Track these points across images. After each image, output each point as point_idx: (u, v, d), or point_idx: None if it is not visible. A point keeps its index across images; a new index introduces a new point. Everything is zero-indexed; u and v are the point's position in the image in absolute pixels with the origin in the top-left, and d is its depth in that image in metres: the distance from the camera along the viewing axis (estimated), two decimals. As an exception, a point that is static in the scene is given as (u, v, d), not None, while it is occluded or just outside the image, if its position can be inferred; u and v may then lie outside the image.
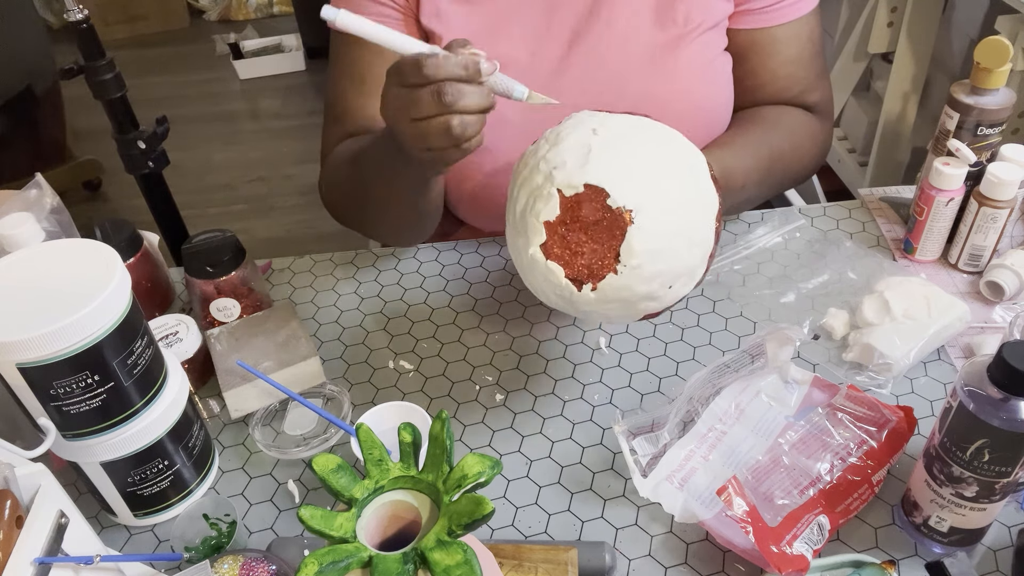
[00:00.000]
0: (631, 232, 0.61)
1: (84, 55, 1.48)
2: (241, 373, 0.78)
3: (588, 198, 0.62)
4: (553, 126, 0.69)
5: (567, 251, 0.63)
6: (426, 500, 0.49)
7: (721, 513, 0.66)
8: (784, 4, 0.89)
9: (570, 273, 0.63)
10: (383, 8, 0.88)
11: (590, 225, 0.62)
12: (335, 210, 0.97)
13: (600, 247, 0.62)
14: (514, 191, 0.67)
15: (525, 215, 0.64)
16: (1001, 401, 0.56)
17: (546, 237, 0.63)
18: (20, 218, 0.80)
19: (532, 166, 0.66)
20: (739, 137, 0.89)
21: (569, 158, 0.63)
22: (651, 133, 0.66)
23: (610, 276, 0.62)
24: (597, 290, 0.63)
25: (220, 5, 3.89)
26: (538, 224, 0.63)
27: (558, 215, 0.62)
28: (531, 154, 0.67)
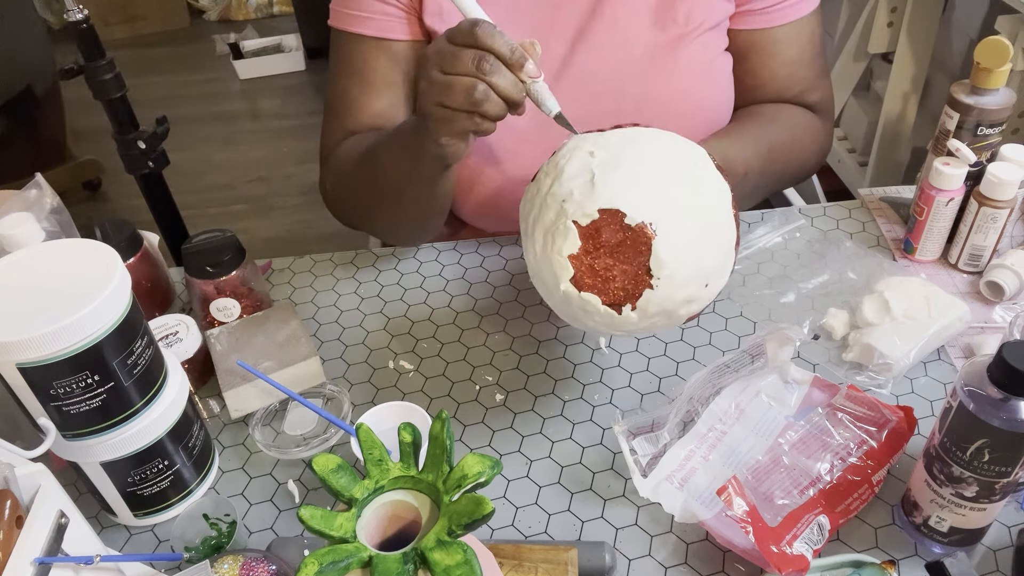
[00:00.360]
0: (656, 244, 0.61)
1: (84, 55, 1.48)
2: (241, 373, 0.78)
3: (605, 222, 0.61)
4: (560, 141, 0.69)
5: (598, 279, 0.62)
6: (426, 500, 0.49)
7: (721, 513, 0.66)
8: (785, 5, 0.89)
9: (606, 300, 0.63)
10: (386, 6, 0.88)
11: (614, 248, 0.62)
12: (339, 209, 0.97)
13: (630, 267, 0.62)
14: (529, 231, 0.67)
15: (548, 254, 0.64)
16: (1001, 401, 0.56)
17: (573, 271, 0.62)
18: (20, 218, 0.80)
19: (540, 203, 0.65)
20: (739, 129, 0.89)
21: (575, 187, 0.63)
22: (647, 141, 0.65)
23: (647, 292, 0.62)
24: (637, 309, 0.62)
25: (220, 5, 3.89)
26: (563, 260, 0.62)
27: (580, 246, 0.62)
28: (535, 191, 0.67)
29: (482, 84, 0.65)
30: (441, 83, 0.67)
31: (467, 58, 0.66)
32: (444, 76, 0.67)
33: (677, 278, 0.62)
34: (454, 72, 0.66)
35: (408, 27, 0.89)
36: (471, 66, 0.65)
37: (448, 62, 0.67)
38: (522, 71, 0.67)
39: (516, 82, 0.67)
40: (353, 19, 0.90)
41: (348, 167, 0.91)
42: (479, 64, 0.65)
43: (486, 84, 0.66)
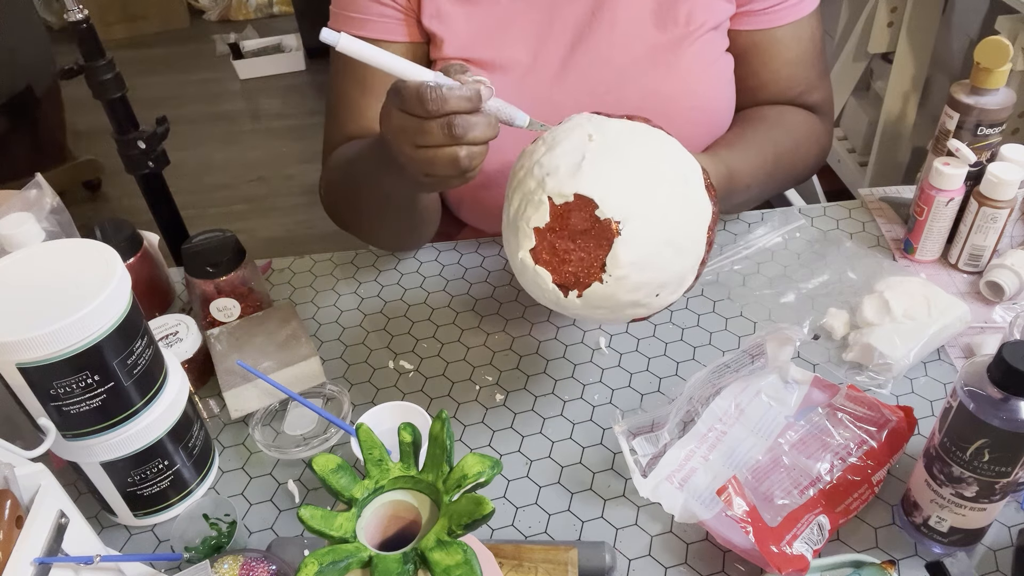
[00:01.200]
0: (617, 243, 0.61)
1: (84, 55, 1.48)
2: (241, 373, 0.78)
3: (577, 207, 0.62)
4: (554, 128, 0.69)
5: (555, 258, 0.64)
6: (426, 500, 0.49)
7: (721, 513, 0.66)
8: (785, 5, 0.89)
9: (557, 279, 0.64)
10: (384, 8, 0.88)
11: (578, 234, 0.62)
12: (333, 214, 0.97)
13: (587, 256, 0.63)
14: (509, 192, 0.68)
15: (517, 219, 0.65)
16: (1001, 401, 0.56)
17: (535, 243, 0.64)
18: (20, 218, 0.80)
19: (527, 169, 0.66)
20: (743, 137, 0.89)
21: (562, 164, 0.63)
22: (646, 141, 0.66)
23: (595, 284, 0.63)
24: (583, 297, 0.64)
25: (220, 5, 3.89)
26: (528, 229, 0.64)
27: (547, 222, 0.63)
28: (527, 155, 0.67)
29: (464, 149, 0.63)
30: (423, 159, 0.65)
31: (437, 129, 0.63)
32: (422, 151, 0.64)
33: (628, 281, 0.63)
34: (428, 145, 0.64)
35: (406, 29, 0.89)
36: (444, 136, 0.63)
37: (419, 137, 0.64)
38: (483, 106, 0.64)
39: (489, 122, 0.65)
40: (352, 21, 0.90)
41: (336, 176, 0.91)
42: (451, 131, 0.63)
43: (467, 145, 0.64)
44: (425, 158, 0.65)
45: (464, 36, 0.88)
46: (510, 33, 0.88)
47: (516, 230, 0.65)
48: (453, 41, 0.87)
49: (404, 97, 0.64)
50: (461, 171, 0.65)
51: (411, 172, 0.68)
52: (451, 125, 0.62)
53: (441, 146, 0.64)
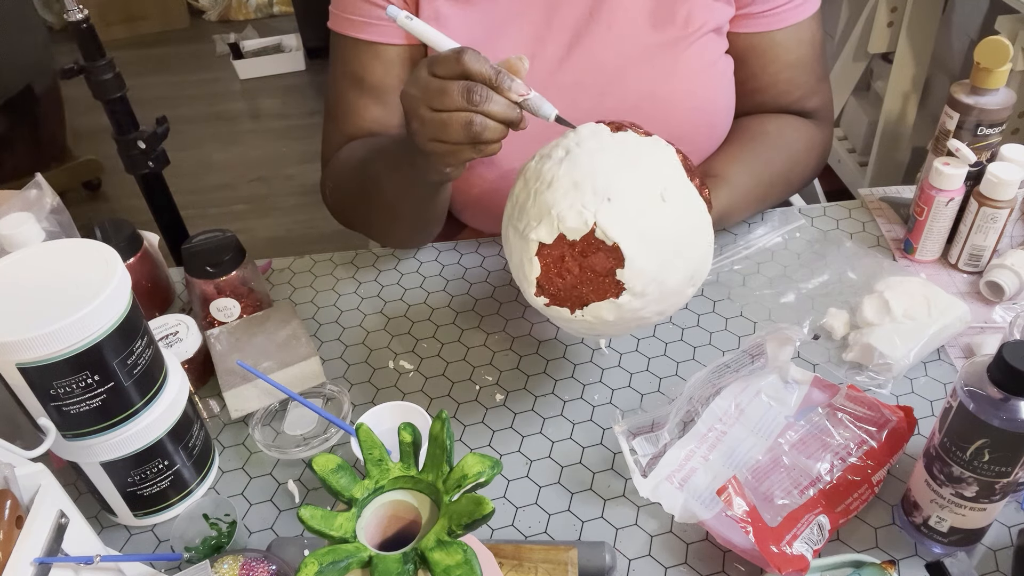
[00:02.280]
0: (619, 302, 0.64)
1: (84, 55, 1.48)
2: (241, 373, 0.78)
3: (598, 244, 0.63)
4: (560, 133, 0.70)
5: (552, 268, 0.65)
6: (426, 500, 0.49)
7: (721, 513, 0.66)
8: (785, 8, 0.89)
9: (540, 292, 0.66)
10: (381, 11, 0.88)
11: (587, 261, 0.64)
12: (339, 213, 0.98)
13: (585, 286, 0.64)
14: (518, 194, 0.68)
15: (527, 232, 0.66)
16: (1001, 401, 0.56)
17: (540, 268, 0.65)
18: (20, 218, 0.80)
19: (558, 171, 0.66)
20: (737, 160, 0.89)
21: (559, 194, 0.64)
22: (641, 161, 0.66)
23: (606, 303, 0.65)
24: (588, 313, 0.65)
25: (220, 5, 3.89)
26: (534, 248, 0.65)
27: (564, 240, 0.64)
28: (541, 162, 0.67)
29: (478, 116, 0.64)
30: (435, 121, 0.65)
31: (456, 92, 0.64)
32: (436, 114, 0.65)
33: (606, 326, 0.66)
34: (444, 108, 0.64)
35: (403, 32, 0.89)
36: (461, 100, 0.64)
37: (436, 98, 0.65)
38: (511, 92, 0.65)
39: (509, 104, 0.65)
40: (350, 23, 0.90)
41: (345, 176, 0.92)
42: (469, 96, 0.64)
43: (481, 115, 0.64)
44: (438, 119, 0.65)
45: (462, 38, 0.87)
46: (508, 34, 0.88)
47: (524, 293, 0.67)
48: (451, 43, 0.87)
49: (439, 56, 0.66)
50: (472, 136, 0.65)
51: (420, 138, 0.68)
52: (470, 91, 0.64)
53: (457, 110, 0.64)
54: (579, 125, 0.69)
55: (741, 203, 0.88)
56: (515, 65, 0.66)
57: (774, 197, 0.95)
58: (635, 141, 0.66)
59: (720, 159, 0.89)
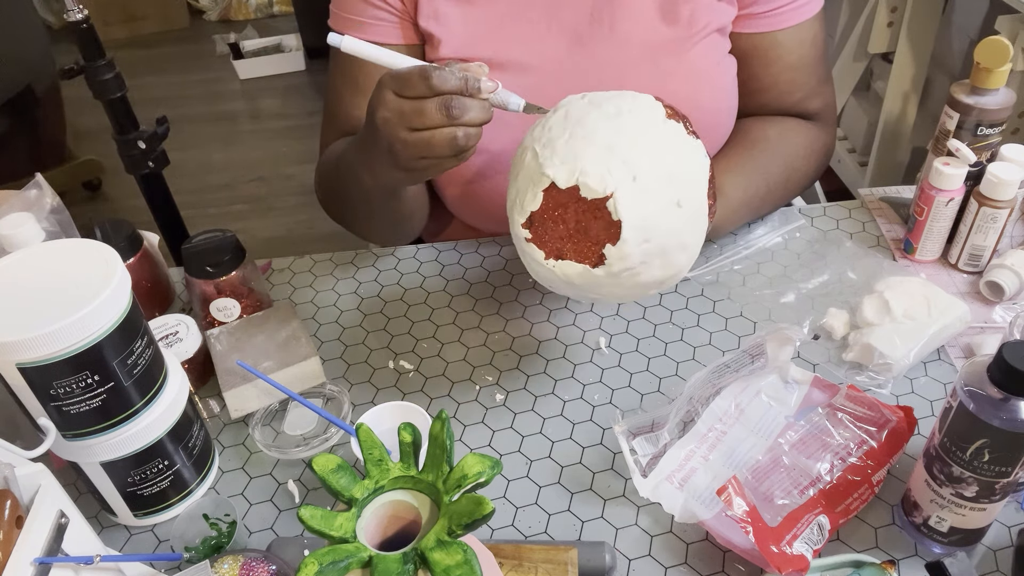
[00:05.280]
0: (614, 213, 0.63)
1: (84, 55, 1.48)
2: (241, 373, 0.78)
3: (564, 190, 0.63)
4: None
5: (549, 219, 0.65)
6: (426, 500, 0.49)
7: (721, 513, 0.66)
8: (787, 9, 0.89)
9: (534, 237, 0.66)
10: (379, 12, 0.88)
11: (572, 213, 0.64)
12: (327, 210, 0.99)
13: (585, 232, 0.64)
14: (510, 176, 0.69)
15: (513, 205, 0.66)
16: (1001, 401, 0.56)
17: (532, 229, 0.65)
18: (20, 218, 0.80)
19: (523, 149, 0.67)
20: (733, 177, 0.89)
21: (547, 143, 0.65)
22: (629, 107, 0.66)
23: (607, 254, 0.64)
24: (549, 262, 0.66)
25: (220, 5, 3.89)
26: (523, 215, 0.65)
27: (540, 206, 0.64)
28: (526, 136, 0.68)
29: (460, 130, 0.65)
30: (419, 141, 0.66)
31: (434, 109, 0.64)
32: (418, 134, 0.66)
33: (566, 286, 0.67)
34: (425, 127, 0.65)
35: (401, 32, 0.90)
36: (441, 116, 0.65)
37: (415, 119, 0.65)
38: (481, 93, 0.66)
39: (483, 106, 0.67)
40: (348, 23, 0.90)
41: (326, 175, 0.93)
42: (448, 112, 0.64)
43: (463, 127, 0.65)
44: (421, 139, 0.66)
45: (462, 36, 0.88)
46: (508, 33, 0.88)
47: (513, 224, 0.67)
48: (451, 41, 0.88)
49: (404, 79, 0.66)
50: (458, 150, 0.66)
51: (404, 158, 0.68)
52: (448, 106, 0.64)
53: (438, 127, 0.65)
54: (637, 94, 0.68)
55: (734, 216, 0.89)
56: (475, 71, 0.67)
57: (771, 205, 0.96)
58: (681, 137, 0.66)
59: (717, 168, 0.89)
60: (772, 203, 0.95)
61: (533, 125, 0.68)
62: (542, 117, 0.69)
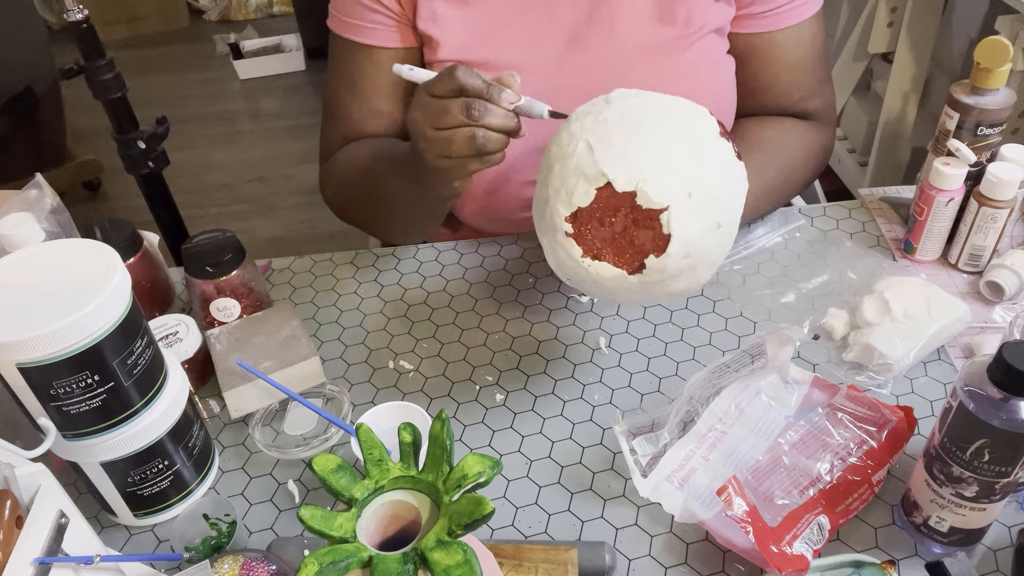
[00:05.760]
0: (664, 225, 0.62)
1: (84, 55, 1.48)
2: (241, 373, 0.78)
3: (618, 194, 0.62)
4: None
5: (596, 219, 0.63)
6: (426, 500, 0.49)
7: (721, 513, 0.66)
8: (785, 8, 0.89)
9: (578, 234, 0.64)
10: (377, 16, 0.89)
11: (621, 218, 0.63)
12: (341, 211, 1.00)
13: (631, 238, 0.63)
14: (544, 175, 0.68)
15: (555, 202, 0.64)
16: (1001, 401, 0.56)
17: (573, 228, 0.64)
18: (20, 218, 0.80)
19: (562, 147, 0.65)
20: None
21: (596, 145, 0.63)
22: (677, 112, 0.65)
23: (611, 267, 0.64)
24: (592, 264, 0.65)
25: (220, 5, 3.89)
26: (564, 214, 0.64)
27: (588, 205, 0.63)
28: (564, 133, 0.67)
29: (480, 129, 0.67)
30: (440, 139, 0.68)
31: (455, 109, 0.67)
32: (440, 132, 0.68)
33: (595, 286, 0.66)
34: (448, 126, 0.68)
35: (399, 35, 0.90)
36: (462, 116, 0.67)
37: (439, 118, 0.68)
38: (502, 102, 0.68)
39: (506, 114, 0.68)
40: (347, 25, 0.91)
41: (349, 179, 0.93)
42: (468, 112, 0.67)
43: (483, 128, 0.67)
44: (443, 137, 0.68)
45: (460, 38, 0.88)
46: (506, 34, 0.88)
47: (553, 214, 0.65)
48: (449, 43, 0.88)
49: (436, 78, 0.69)
50: (476, 149, 0.68)
51: (429, 156, 0.71)
52: (469, 107, 0.67)
53: (459, 126, 0.67)
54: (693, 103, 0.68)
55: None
56: (506, 80, 0.69)
57: (770, 205, 0.96)
58: (732, 159, 0.66)
59: None
60: (771, 203, 0.95)
61: (580, 113, 0.67)
62: (594, 106, 0.67)
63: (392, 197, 0.87)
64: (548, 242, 0.67)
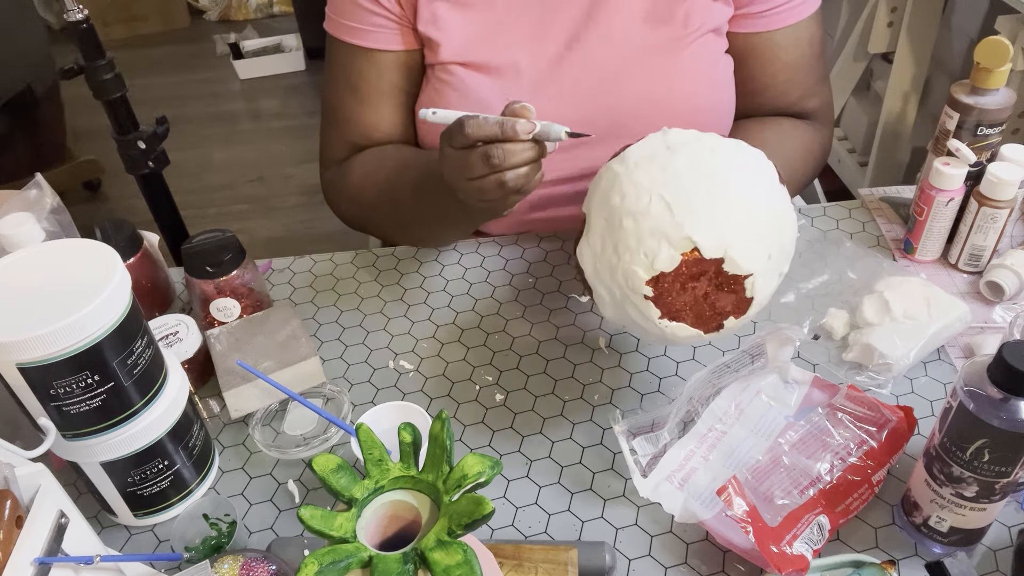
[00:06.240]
0: (748, 291, 0.63)
1: (84, 55, 1.48)
2: (241, 373, 0.78)
3: (702, 260, 0.62)
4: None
5: (677, 289, 0.63)
6: (426, 500, 0.49)
7: (721, 513, 0.66)
8: (783, 8, 0.89)
9: (660, 300, 0.64)
10: (377, 18, 0.88)
11: (716, 289, 0.63)
12: (353, 220, 1.00)
13: (713, 301, 0.64)
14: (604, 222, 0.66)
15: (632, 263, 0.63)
16: (1001, 401, 0.56)
17: (653, 290, 0.63)
18: (20, 218, 0.80)
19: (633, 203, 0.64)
20: None
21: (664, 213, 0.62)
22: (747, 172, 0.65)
23: (727, 323, 0.65)
24: (670, 327, 0.65)
25: (220, 5, 3.89)
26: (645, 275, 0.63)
27: (672, 269, 0.62)
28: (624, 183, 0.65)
29: (507, 173, 0.68)
30: (473, 189, 0.70)
31: (477, 161, 0.68)
32: (471, 183, 0.70)
33: (663, 340, 0.67)
34: (474, 177, 0.69)
35: (401, 37, 0.90)
36: (484, 167, 0.68)
37: (466, 170, 0.69)
38: (519, 135, 0.68)
39: (527, 146, 0.68)
40: (346, 29, 0.90)
41: (367, 194, 0.93)
42: (488, 162, 0.67)
43: (509, 168, 0.68)
44: (475, 188, 0.70)
45: (460, 40, 0.88)
46: (505, 36, 0.88)
47: (631, 276, 0.63)
48: (449, 45, 0.88)
49: (450, 132, 0.70)
50: (510, 191, 0.69)
51: (470, 203, 0.73)
52: (488, 156, 0.67)
53: (485, 176, 0.68)
54: (749, 147, 0.68)
55: None
56: (519, 111, 0.68)
57: None
58: (789, 207, 0.67)
59: None
60: None
61: (640, 159, 0.66)
62: (652, 149, 0.66)
63: (430, 217, 0.88)
64: (612, 295, 0.66)
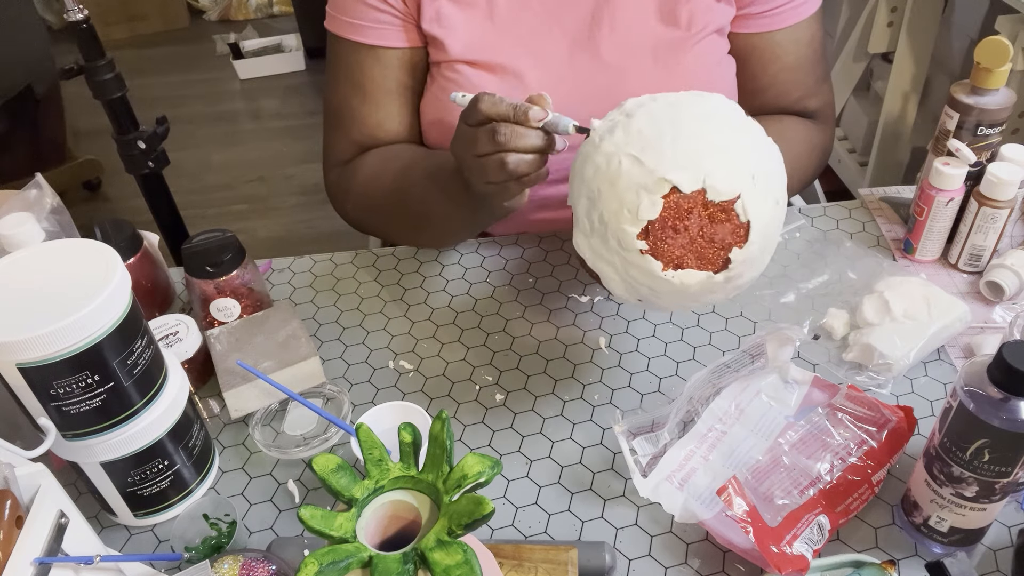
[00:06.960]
0: (740, 215, 0.61)
1: (84, 55, 1.48)
2: (241, 373, 0.78)
3: (686, 195, 0.61)
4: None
5: (672, 223, 0.61)
6: (426, 500, 0.49)
7: (721, 513, 0.66)
8: (785, 8, 0.89)
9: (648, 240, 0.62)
10: (381, 15, 0.88)
11: (695, 220, 0.62)
12: (359, 222, 1.00)
13: (711, 238, 0.62)
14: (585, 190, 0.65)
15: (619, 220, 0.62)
16: (1001, 401, 0.56)
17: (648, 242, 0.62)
18: (20, 218, 0.80)
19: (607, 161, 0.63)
20: None
21: (649, 152, 0.61)
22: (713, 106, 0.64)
23: (689, 272, 0.62)
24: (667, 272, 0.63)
25: (220, 5, 3.89)
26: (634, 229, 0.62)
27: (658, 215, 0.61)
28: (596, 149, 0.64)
29: (510, 155, 0.68)
30: (478, 167, 0.70)
31: (484, 137, 0.68)
32: (478, 160, 0.70)
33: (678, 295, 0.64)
34: (482, 154, 0.69)
35: (405, 34, 0.90)
36: (489, 144, 0.68)
37: (473, 146, 0.70)
38: (528, 120, 0.68)
39: (535, 133, 0.68)
40: (349, 27, 0.90)
41: (374, 194, 0.93)
42: (494, 138, 0.67)
43: (513, 151, 0.68)
44: (479, 165, 0.70)
45: (464, 39, 0.88)
46: (510, 35, 0.88)
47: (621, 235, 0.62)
48: (454, 44, 0.88)
49: (467, 109, 0.71)
50: (510, 175, 0.69)
51: (474, 182, 0.73)
52: (495, 132, 0.67)
53: (491, 153, 0.68)
54: (709, 93, 0.66)
55: None
56: (536, 99, 0.69)
57: None
58: (765, 136, 0.66)
59: None
60: None
61: (603, 131, 0.65)
62: (614, 122, 0.65)
63: (439, 215, 0.88)
64: (614, 267, 0.64)
